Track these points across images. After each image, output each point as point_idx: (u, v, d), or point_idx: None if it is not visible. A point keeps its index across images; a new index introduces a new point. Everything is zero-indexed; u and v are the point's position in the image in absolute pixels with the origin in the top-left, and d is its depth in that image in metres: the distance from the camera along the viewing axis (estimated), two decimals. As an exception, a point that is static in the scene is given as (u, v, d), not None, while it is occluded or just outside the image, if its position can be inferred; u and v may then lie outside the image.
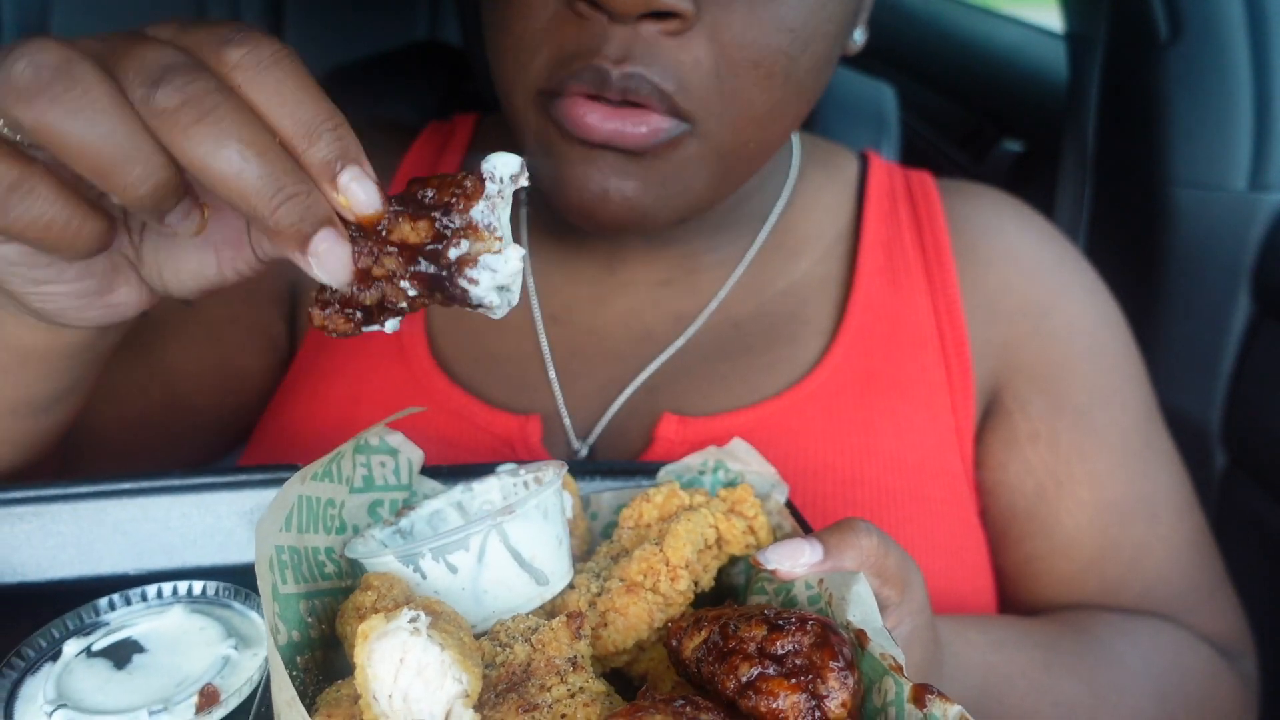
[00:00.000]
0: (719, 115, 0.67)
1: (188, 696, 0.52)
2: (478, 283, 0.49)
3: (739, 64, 0.65)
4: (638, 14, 0.62)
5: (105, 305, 0.56)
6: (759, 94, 0.67)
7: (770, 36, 0.65)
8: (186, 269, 0.57)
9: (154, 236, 0.56)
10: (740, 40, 0.64)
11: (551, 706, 0.45)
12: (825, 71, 0.72)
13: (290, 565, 0.52)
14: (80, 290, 0.54)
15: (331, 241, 0.46)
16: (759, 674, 0.44)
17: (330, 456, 0.56)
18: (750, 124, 0.69)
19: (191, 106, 0.43)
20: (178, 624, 0.57)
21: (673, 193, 0.70)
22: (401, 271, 0.49)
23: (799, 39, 0.66)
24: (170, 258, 0.57)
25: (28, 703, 0.52)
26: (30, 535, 0.63)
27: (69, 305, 0.54)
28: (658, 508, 0.60)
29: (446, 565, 0.52)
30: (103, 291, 0.55)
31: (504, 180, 0.49)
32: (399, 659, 0.42)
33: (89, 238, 0.47)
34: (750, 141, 0.70)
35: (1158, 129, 1.21)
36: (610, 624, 0.54)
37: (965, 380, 0.83)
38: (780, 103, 0.68)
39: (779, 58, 0.66)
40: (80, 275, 0.53)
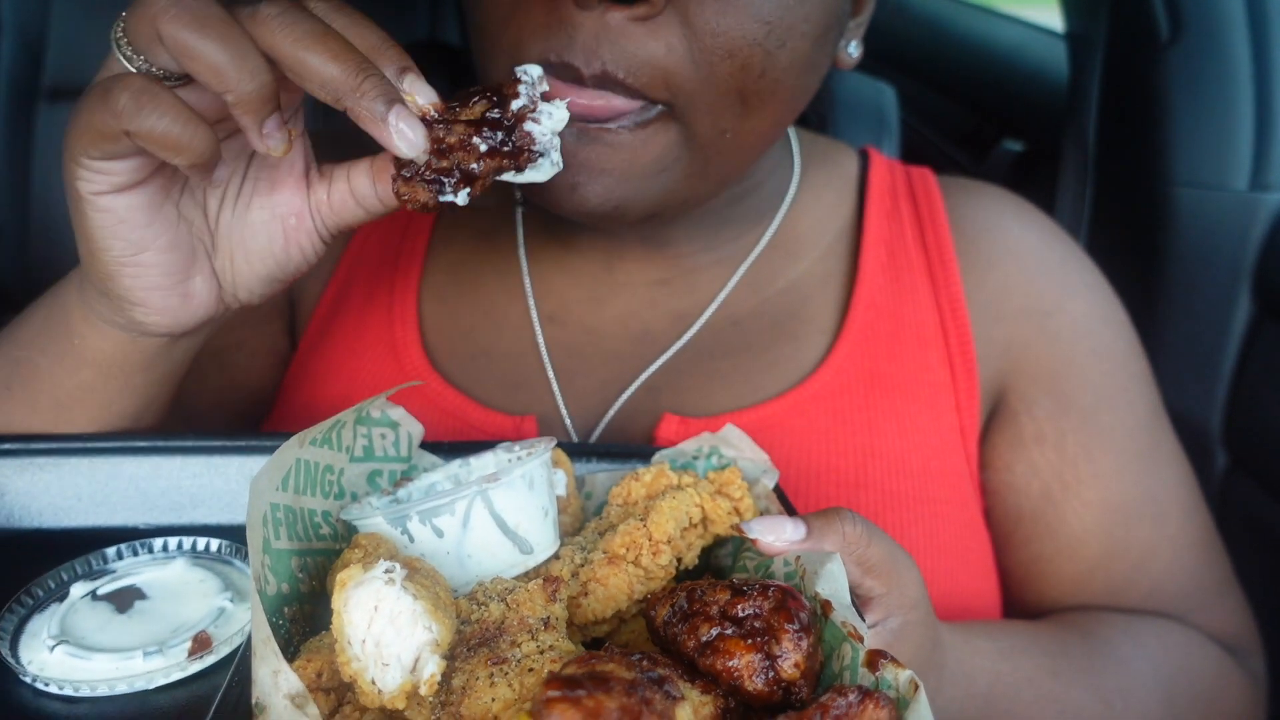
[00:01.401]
0: (695, 99, 0.67)
1: (182, 641, 0.54)
2: (539, 123, 0.61)
3: (713, 51, 0.65)
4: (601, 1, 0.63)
5: (183, 295, 0.64)
6: (735, 86, 0.67)
7: (744, 26, 0.65)
8: (256, 248, 0.66)
9: (228, 215, 0.66)
10: (714, 28, 0.64)
11: (520, 661, 0.47)
12: (808, 75, 0.71)
13: (285, 523, 0.54)
14: (165, 268, 0.62)
15: (406, 115, 0.57)
16: (718, 634, 0.45)
17: (330, 423, 0.59)
18: (728, 113, 0.68)
19: (287, 18, 0.56)
20: (179, 575, 0.60)
21: (651, 182, 0.70)
22: (471, 133, 0.59)
23: (774, 33, 0.66)
24: (242, 237, 0.66)
25: (32, 637, 0.55)
26: (49, 484, 0.66)
27: (153, 287, 0.63)
28: (646, 486, 0.62)
29: (433, 528, 0.54)
30: (182, 277, 0.64)
31: (534, 79, 0.61)
32: (373, 606, 0.44)
33: (202, 143, 0.55)
34: (728, 132, 0.69)
35: (1158, 129, 1.21)
36: (591, 593, 0.55)
37: (970, 380, 0.82)
38: (758, 96, 0.68)
39: (754, 49, 0.66)
40: (168, 248, 0.62)
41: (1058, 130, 1.42)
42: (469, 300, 0.88)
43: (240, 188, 0.66)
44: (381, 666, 0.43)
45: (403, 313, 0.87)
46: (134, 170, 0.59)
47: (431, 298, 0.89)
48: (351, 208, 0.67)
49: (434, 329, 0.87)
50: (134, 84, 0.55)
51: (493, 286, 0.89)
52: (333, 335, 0.89)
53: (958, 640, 0.69)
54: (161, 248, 0.62)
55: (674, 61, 0.65)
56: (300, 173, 0.67)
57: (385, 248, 0.92)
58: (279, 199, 0.66)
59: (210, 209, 0.66)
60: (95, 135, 0.56)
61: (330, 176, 0.67)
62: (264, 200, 0.66)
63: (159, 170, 0.61)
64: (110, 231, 0.61)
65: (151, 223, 0.61)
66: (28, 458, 0.67)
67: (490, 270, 0.89)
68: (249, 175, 0.66)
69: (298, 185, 0.67)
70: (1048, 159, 1.49)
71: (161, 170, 0.61)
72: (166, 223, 0.63)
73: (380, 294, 0.89)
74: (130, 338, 0.67)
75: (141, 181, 0.60)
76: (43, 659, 0.53)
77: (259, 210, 0.66)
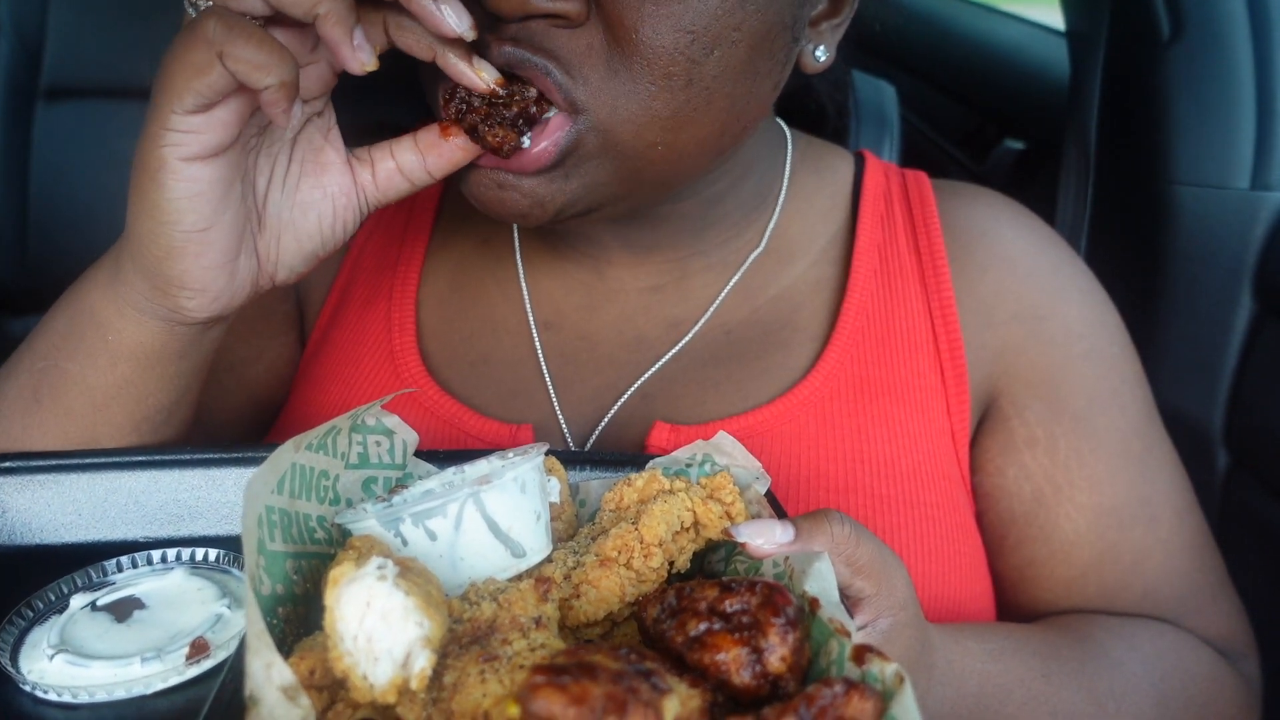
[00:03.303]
0: (613, 109, 0.66)
1: (179, 647, 0.55)
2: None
3: (633, 59, 0.64)
4: (519, 17, 0.63)
5: (230, 274, 0.67)
6: (659, 93, 0.65)
7: (666, 36, 0.64)
8: (305, 225, 0.70)
9: (276, 196, 0.69)
10: (635, 37, 0.64)
11: (510, 659, 0.47)
12: (747, 80, 0.69)
13: (280, 526, 0.55)
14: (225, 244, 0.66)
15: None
16: (706, 629, 0.46)
17: (326, 428, 0.59)
18: (653, 125, 0.67)
19: None
20: (178, 584, 0.61)
21: (576, 187, 0.70)
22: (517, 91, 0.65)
23: (699, 41, 0.64)
24: (291, 217, 0.69)
25: (32, 648, 0.56)
26: (49, 501, 0.67)
27: (212, 263, 0.66)
28: (638, 491, 0.62)
29: (426, 531, 0.55)
30: (235, 251, 0.67)
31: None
32: (365, 602, 0.44)
33: (287, 65, 0.59)
34: (659, 144, 0.68)
35: (1159, 127, 1.21)
36: (583, 595, 0.56)
37: (960, 385, 0.83)
38: (686, 105, 0.67)
39: (677, 58, 0.64)
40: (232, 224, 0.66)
41: (1058, 129, 1.42)
42: (468, 307, 0.89)
43: (288, 170, 0.70)
44: (373, 661, 0.43)
45: (401, 319, 0.88)
46: (223, 126, 0.62)
47: (430, 304, 0.90)
48: (398, 182, 0.71)
49: (432, 336, 0.88)
50: (220, 13, 0.59)
51: (491, 293, 0.90)
52: (333, 341, 0.90)
53: (947, 641, 0.69)
54: (227, 224, 0.65)
55: (592, 62, 0.65)
56: (344, 156, 0.71)
57: (384, 254, 0.93)
58: (328, 179, 0.70)
59: (259, 188, 0.69)
60: (190, 71, 0.59)
61: (371, 157, 0.71)
62: (313, 180, 0.70)
63: (238, 141, 0.64)
64: (188, 204, 0.63)
65: (225, 196, 0.64)
66: (27, 475, 0.67)
67: (488, 277, 0.90)
68: (295, 158, 0.70)
69: (344, 165, 0.70)
70: (1048, 158, 1.49)
71: (240, 140, 0.65)
72: (235, 200, 0.66)
73: (379, 300, 0.91)
74: (167, 326, 0.69)
75: (224, 150, 0.63)
76: (42, 668, 0.54)
77: (309, 190, 0.70)
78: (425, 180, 0.71)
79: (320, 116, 0.70)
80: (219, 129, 0.62)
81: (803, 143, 0.94)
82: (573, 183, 0.70)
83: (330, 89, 0.69)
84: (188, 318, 0.68)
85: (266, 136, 0.68)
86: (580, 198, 0.71)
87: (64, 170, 1.51)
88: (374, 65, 0.62)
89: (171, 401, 0.73)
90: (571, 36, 0.65)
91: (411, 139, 0.70)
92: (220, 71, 0.58)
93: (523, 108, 0.65)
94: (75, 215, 1.49)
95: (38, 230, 1.51)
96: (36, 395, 0.73)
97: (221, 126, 0.62)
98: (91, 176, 1.50)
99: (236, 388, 0.90)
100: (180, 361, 0.71)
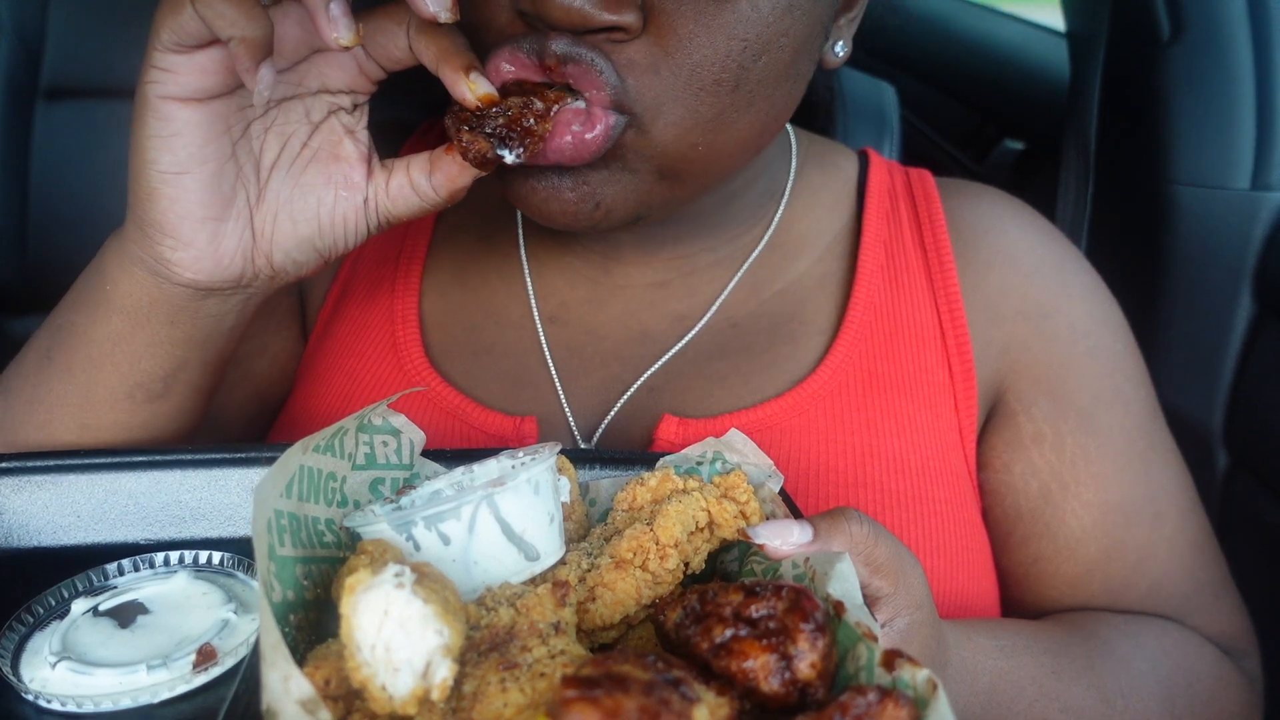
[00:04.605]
0: (659, 113, 0.66)
1: (186, 654, 0.54)
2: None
3: (681, 66, 0.65)
4: (579, 29, 0.63)
5: (213, 234, 0.66)
6: (705, 98, 0.66)
7: (719, 44, 0.64)
8: (303, 207, 0.69)
9: (282, 172, 0.68)
10: (686, 45, 0.64)
11: (531, 666, 0.46)
12: (787, 82, 0.70)
13: (289, 530, 0.53)
14: (204, 197, 0.65)
15: None
16: (732, 635, 0.45)
17: (333, 430, 0.58)
18: (696, 128, 0.67)
19: None
20: (182, 589, 0.59)
21: (619, 190, 0.69)
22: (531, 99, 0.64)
23: (751, 49, 0.65)
24: (290, 196, 0.68)
25: (33, 655, 0.54)
26: (48, 503, 0.66)
27: (187, 214, 0.65)
28: (651, 491, 0.61)
29: (439, 535, 0.54)
30: (216, 217, 0.66)
31: None
32: (383, 611, 0.43)
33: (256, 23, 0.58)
34: (700, 145, 0.68)
35: (1159, 128, 1.21)
36: (599, 598, 0.55)
37: (968, 380, 0.83)
38: (729, 109, 0.67)
39: (728, 65, 0.65)
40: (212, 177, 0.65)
41: (1058, 129, 1.43)
42: (471, 300, 0.88)
43: (301, 151, 0.69)
44: (392, 672, 0.42)
45: (404, 311, 0.88)
46: (203, 71, 0.62)
47: (433, 297, 0.89)
48: (408, 196, 0.69)
49: (435, 328, 0.87)
50: None
51: (495, 286, 0.89)
52: (335, 334, 0.89)
53: (960, 638, 0.69)
54: (206, 174, 0.64)
55: (639, 71, 0.65)
56: (364, 155, 0.70)
57: (387, 247, 0.93)
58: (337, 169, 0.69)
59: (265, 160, 0.68)
60: (167, 8, 0.59)
61: (391, 168, 0.70)
62: (321, 168, 0.69)
63: (222, 97, 0.64)
64: (163, 143, 0.63)
65: (204, 144, 0.64)
66: (25, 476, 0.66)
67: (492, 270, 0.90)
68: (311, 142, 0.69)
69: (359, 163, 0.69)
70: (1048, 158, 1.49)
71: (225, 99, 0.64)
72: (217, 152, 0.65)
73: (382, 293, 0.90)
74: (157, 283, 0.68)
75: (205, 99, 0.63)
76: (44, 676, 0.53)
77: (315, 174, 0.69)
78: (433, 198, 0.70)
79: (350, 113, 0.69)
80: (198, 74, 0.61)
81: (807, 140, 0.94)
82: (615, 188, 0.69)
83: (362, 88, 0.68)
84: (173, 274, 0.67)
85: (281, 113, 0.68)
86: (624, 202, 0.70)
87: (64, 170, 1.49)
88: (350, 41, 0.61)
89: (165, 372, 0.72)
90: (619, 48, 0.64)
91: (428, 155, 0.69)
92: (190, 14, 0.58)
93: (509, 121, 0.64)
94: (75, 215, 1.47)
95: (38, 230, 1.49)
96: (49, 352, 0.74)
97: (201, 71, 0.61)
98: (91, 176, 1.48)
99: (240, 382, 0.89)
100: (171, 327, 0.70)
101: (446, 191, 0.69)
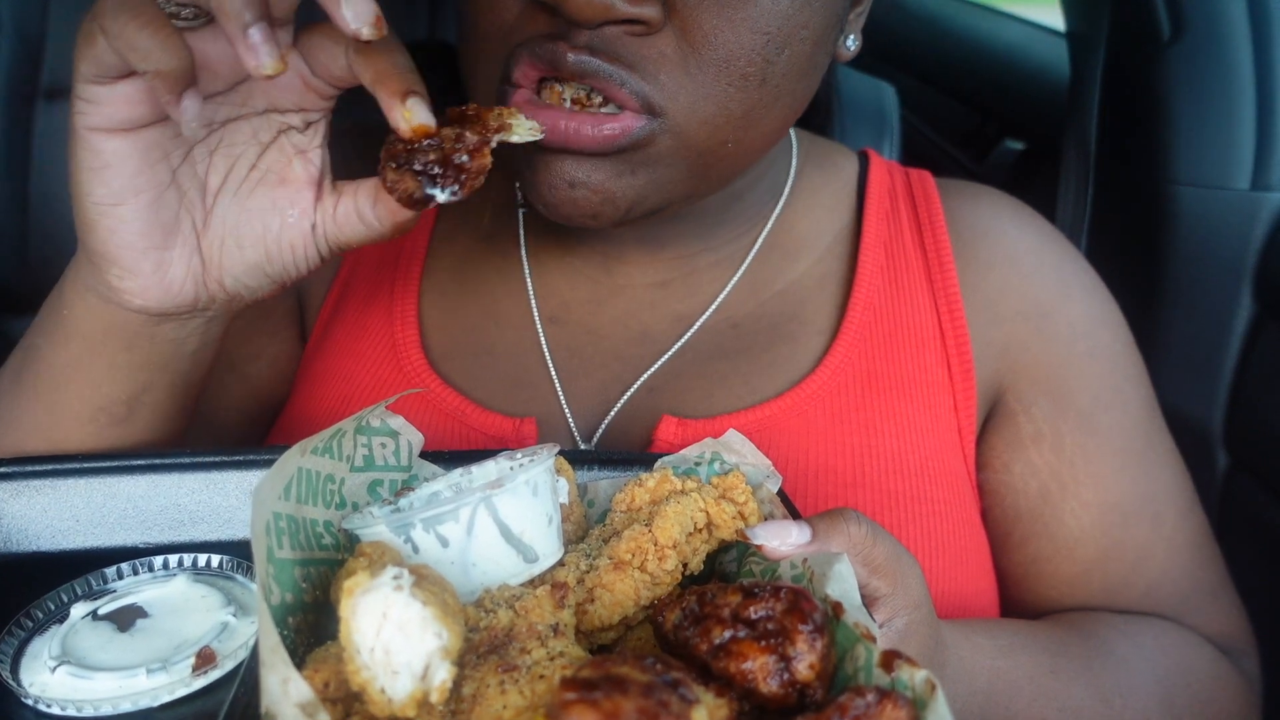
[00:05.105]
0: (690, 111, 0.66)
1: (185, 657, 0.54)
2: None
3: (709, 62, 0.65)
4: (599, 22, 0.62)
5: (158, 263, 0.63)
6: (734, 94, 0.66)
7: (743, 38, 0.64)
8: (248, 233, 0.66)
9: (227, 198, 0.65)
10: (711, 40, 0.64)
11: (530, 668, 0.46)
12: (808, 76, 0.71)
13: (288, 532, 0.53)
14: (142, 228, 0.62)
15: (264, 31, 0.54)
16: (731, 637, 0.45)
17: (331, 432, 0.58)
18: (728, 124, 0.68)
19: None
20: (181, 592, 0.59)
21: (645, 183, 0.69)
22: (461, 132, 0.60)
23: (774, 42, 0.65)
24: (236, 221, 0.65)
25: (33, 659, 0.54)
26: (45, 507, 0.65)
27: (129, 244, 0.62)
28: (650, 492, 0.61)
29: (437, 537, 0.54)
30: (160, 245, 0.63)
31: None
32: (382, 614, 0.43)
33: (171, 56, 0.54)
34: (729, 141, 0.69)
35: (1159, 128, 1.21)
36: (597, 600, 0.55)
37: (967, 380, 0.83)
38: (758, 104, 0.68)
39: (753, 59, 0.65)
40: (150, 206, 0.62)
41: (1058, 129, 1.43)
42: (470, 300, 0.88)
43: (248, 174, 0.66)
44: (391, 674, 0.42)
45: (403, 312, 0.87)
46: (127, 102, 0.58)
47: (432, 298, 0.89)
48: (354, 224, 0.66)
49: (435, 329, 0.87)
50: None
51: (494, 287, 0.89)
52: (334, 336, 0.89)
53: (958, 638, 0.69)
54: (143, 205, 0.61)
55: (669, 68, 0.65)
56: (314, 178, 0.67)
57: (386, 248, 0.92)
58: (284, 193, 0.66)
59: (211, 185, 0.65)
60: (82, 40, 0.56)
61: (341, 191, 0.67)
62: (268, 191, 0.66)
63: (155, 125, 0.61)
64: (95, 175, 0.60)
65: (137, 175, 0.60)
66: (23, 480, 0.66)
67: (492, 270, 0.89)
68: (259, 165, 0.66)
69: (308, 186, 0.66)
70: (1048, 158, 1.49)
71: (159, 126, 0.61)
72: (154, 181, 0.62)
73: (380, 294, 0.90)
74: (110, 309, 0.66)
75: (134, 129, 0.60)
76: (44, 680, 0.53)
77: (261, 198, 0.66)
78: (378, 230, 0.66)
79: (302, 132, 0.66)
80: (124, 104, 0.58)
81: (807, 140, 0.94)
82: (641, 179, 0.69)
83: (313, 106, 0.65)
84: (123, 301, 0.65)
85: (227, 134, 0.65)
86: (649, 195, 0.70)
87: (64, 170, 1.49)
88: (272, 69, 0.55)
89: (128, 395, 0.70)
90: (645, 43, 0.64)
91: (375, 181, 0.66)
92: (104, 45, 0.55)
93: (442, 156, 0.60)
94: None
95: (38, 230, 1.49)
96: (19, 374, 0.73)
97: (126, 102, 0.58)
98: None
99: (238, 385, 0.89)
100: (128, 352, 0.68)
101: (389, 224, 0.66)
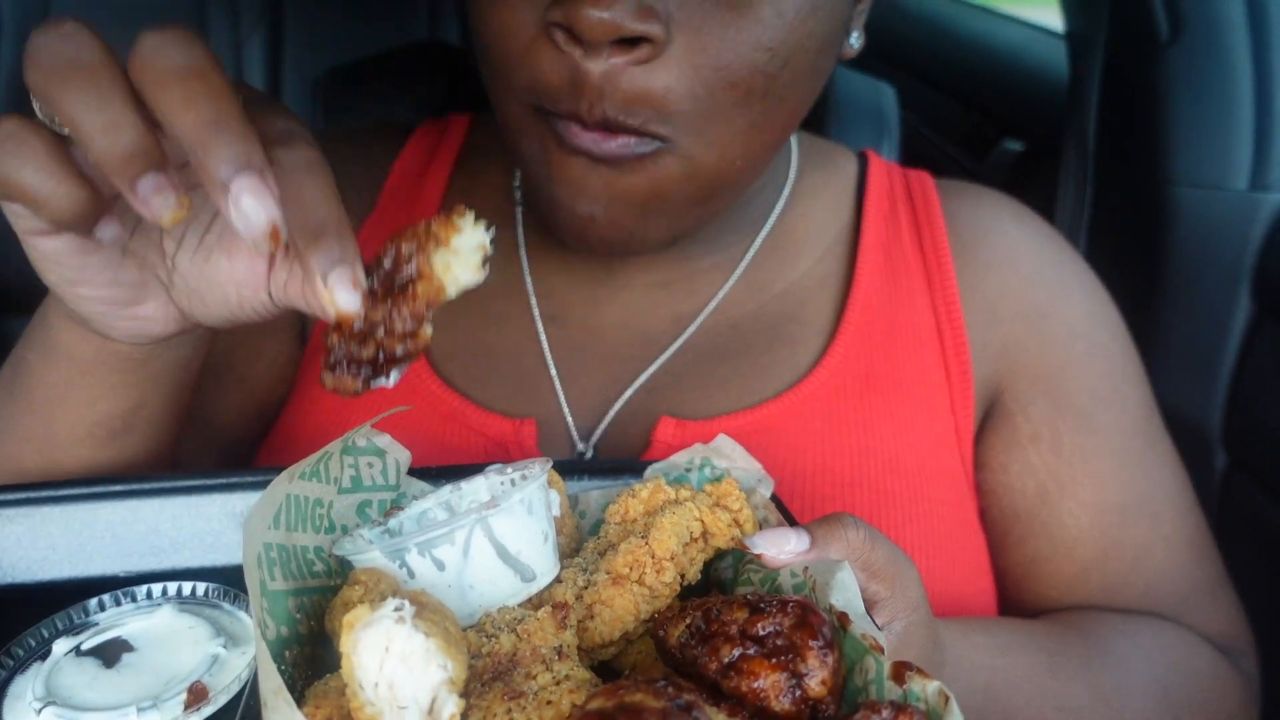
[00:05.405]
0: (698, 135, 0.66)
1: (176, 694, 0.52)
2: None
3: (715, 85, 0.64)
4: (609, 40, 0.62)
5: (133, 317, 0.60)
6: (739, 112, 0.66)
7: (747, 56, 0.64)
8: (212, 297, 0.61)
9: (185, 261, 0.60)
10: (716, 63, 0.64)
11: (537, 694, 0.46)
12: (811, 82, 0.71)
13: (279, 562, 0.52)
14: (107, 298, 0.59)
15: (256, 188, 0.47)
16: (740, 655, 0.44)
17: (318, 456, 0.57)
18: (734, 142, 0.68)
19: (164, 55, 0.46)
20: (167, 623, 0.58)
21: (654, 215, 0.70)
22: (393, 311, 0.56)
23: (778, 56, 0.65)
24: (198, 285, 0.60)
25: (16, 700, 0.52)
26: (20, 537, 0.63)
27: (99, 311, 0.59)
28: (643, 503, 0.61)
29: (433, 560, 0.53)
30: (130, 304, 0.60)
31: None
32: (384, 647, 0.42)
33: (65, 200, 0.48)
34: (737, 159, 0.70)
35: (1158, 128, 1.21)
36: (597, 616, 0.54)
37: (965, 381, 0.83)
38: (762, 117, 0.68)
39: (757, 76, 0.65)
40: (108, 284, 0.58)
41: (1058, 130, 1.43)
42: (470, 300, 0.87)
43: (201, 241, 0.60)
44: (398, 710, 0.41)
45: None
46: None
47: None
48: (301, 304, 0.60)
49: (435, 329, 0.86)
50: (6, 126, 0.48)
51: (494, 286, 0.87)
52: None
53: (955, 636, 0.69)
54: (100, 283, 0.58)
55: (674, 98, 0.64)
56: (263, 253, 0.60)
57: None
58: (237, 264, 0.60)
59: (167, 250, 0.60)
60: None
61: (290, 270, 0.59)
62: (222, 258, 0.60)
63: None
64: (43, 265, 0.57)
65: (84, 263, 0.56)
66: (-4, 510, 0.64)
67: (492, 270, 0.88)
68: (211, 230, 0.60)
69: (260, 258, 0.60)
70: (1048, 159, 1.48)
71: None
72: (103, 263, 0.57)
73: None
74: (99, 339, 0.63)
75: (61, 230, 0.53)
76: (29, 722, 0.51)
77: (216, 265, 0.60)
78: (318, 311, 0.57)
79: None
80: (32, 218, 0.52)
81: (807, 141, 0.94)
82: (661, 219, 0.71)
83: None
84: (109, 336, 0.62)
85: None
86: (668, 228, 0.72)
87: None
88: (170, 220, 0.47)
89: (122, 409, 0.69)
90: (649, 74, 0.63)
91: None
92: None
93: (375, 350, 0.54)
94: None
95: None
96: (12, 386, 0.71)
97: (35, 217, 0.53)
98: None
99: (236, 386, 0.87)
100: (121, 375, 0.66)
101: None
